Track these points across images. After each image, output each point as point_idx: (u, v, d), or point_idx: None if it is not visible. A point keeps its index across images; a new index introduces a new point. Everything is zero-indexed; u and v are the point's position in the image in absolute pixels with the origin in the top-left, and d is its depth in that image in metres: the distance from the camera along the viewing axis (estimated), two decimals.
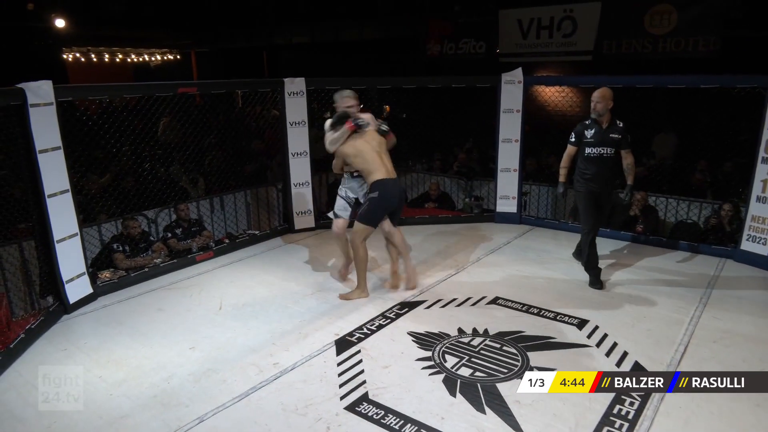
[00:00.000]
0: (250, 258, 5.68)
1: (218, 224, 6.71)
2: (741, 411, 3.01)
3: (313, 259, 5.71)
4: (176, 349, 3.82)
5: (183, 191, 7.08)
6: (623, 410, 3.01)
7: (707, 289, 4.69)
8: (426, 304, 4.46)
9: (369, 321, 4.16)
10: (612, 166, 4.62)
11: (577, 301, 4.49)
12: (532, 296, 4.55)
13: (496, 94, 6.46)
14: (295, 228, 6.48)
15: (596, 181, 4.63)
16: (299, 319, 4.23)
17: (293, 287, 4.85)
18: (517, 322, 4.10)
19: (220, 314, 4.36)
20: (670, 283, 4.82)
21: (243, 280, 5.07)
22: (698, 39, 9.04)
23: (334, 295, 4.65)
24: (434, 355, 3.66)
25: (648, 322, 4.08)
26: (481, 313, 4.27)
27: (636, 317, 4.18)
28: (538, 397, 3.15)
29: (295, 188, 6.39)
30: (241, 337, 3.97)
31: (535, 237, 6.21)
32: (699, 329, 3.98)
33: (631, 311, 4.29)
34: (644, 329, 3.98)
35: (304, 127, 6.25)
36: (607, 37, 9.88)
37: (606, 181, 4.65)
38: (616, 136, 4.60)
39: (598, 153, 4.61)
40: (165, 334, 4.04)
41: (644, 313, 4.26)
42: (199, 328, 4.12)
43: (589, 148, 4.63)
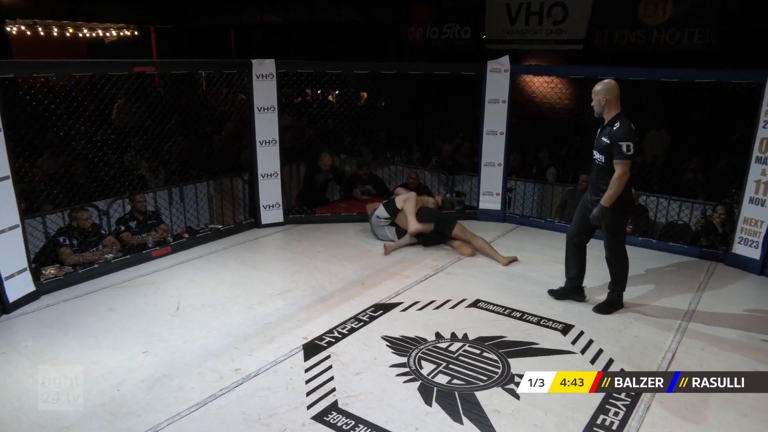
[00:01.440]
0: (211, 254, 5.62)
1: (177, 217, 6.62)
2: (728, 422, 3.10)
3: (281, 257, 5.67)
4: (128, 354, 3.76)
5: (140, 180, 6.97)
6: (607, 420, 3.06)
7: (697, 294, 4.80)
8: (402, 306, 4.47)
9: (340, 324, 4.15)
10: (603, 175, 4.11)
11: (562, 305, 4.55)
12: (514, 300, 4.59)
13: (481, 82, 6.49)
14: (261, 223, 6.43)
15: (589, 188, 4.34)
16: (264, 322, 4.20)
17: (259, 287, 4.82)
18: (499, 327, 4.14)
19: (177, 315, 4.31)
20: (659, 287, 4.92)
21: (203, 278, 5.01)
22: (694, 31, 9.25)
23: (303, 296, 4.64)
24: (410, 361, 3.67)
25: (635, 328, 4.16)
26: (461, 317, 4.29)
27: (622, 322, 4.26)
28: (518, 407, 3.18)
29: (263, 179, 6.33)
30: (200, 341, 3.92)
31: (520, 236, 6.27)
32: (687, 336, 4.07)
33: (617, 316, 4.36)
34: (631, 335, 4.06)
35: (273, 113, 6.19)
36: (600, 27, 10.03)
37: (593, 190, 4.24)
38: (605, 141, 4.05)
39: (593, 157, 4.21)
40: (116, 336, 3.97)
41: (631, 318, 4.34)
42: (154, 330, 4.07)
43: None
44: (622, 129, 3.99)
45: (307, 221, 6.69)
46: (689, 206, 6.55)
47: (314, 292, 4.74)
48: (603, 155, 4.09)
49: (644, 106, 7.20)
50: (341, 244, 6.00)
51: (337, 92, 12.24)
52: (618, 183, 4.00)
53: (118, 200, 6.06)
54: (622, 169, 3.97)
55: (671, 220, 6.55)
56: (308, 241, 6.09)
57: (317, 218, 6.78)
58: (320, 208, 7.13)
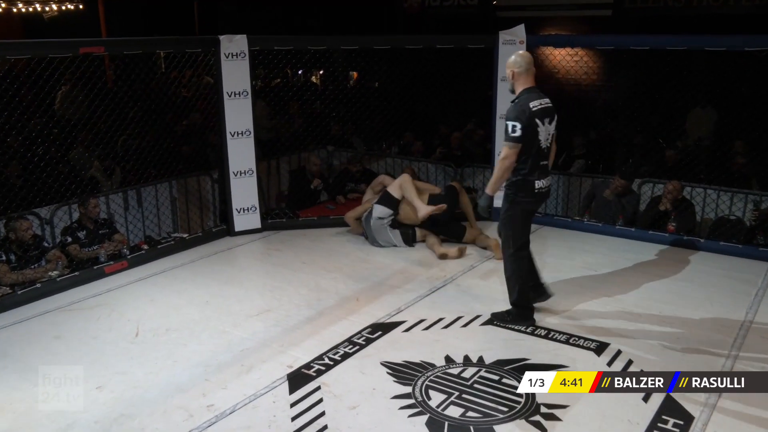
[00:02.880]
0: (176, 269, 5.60)
1: (134, 225, 6.60)
2: None
3: (259, 270, 5.65)
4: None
5: (90, 182, 6.94)
6: None
7: (754, 302, 4.80)
8: (404, 325, 4.45)
9: (332, 349, 4.14)
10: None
11: (595, 319, 4.54)
12: (538, 314, 4.57)
13: (492, 57, 6.47)
14: (235, 230, 6.42)
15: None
16: (241, 348, 4.18)
17: (233, 306, 4.80)
18: (520, 348, 4.13)
19: (136, 343, 4.29)
20: (710, 295, 4.92)
21: (167, 297, 5.00)
22: None
23: (286, 316, 4.62)
24: (415, 390, 3.65)
25: (682, 345, 4.15)
26: (475, 337, 4.27)
27: (668, 337, 4.25)
28: None
29: (236, 178, 6.32)
30: (165, 372, 3.90)
31: (543, 239, 6.26)
32: (744, 352, 4.07)
33: (661, 331, 4.36)
34: (677, 354, 4.05)
35: (246, 98, 6.18)
36: None
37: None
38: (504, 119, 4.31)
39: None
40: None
41: (677, 333, 4.33)
42: (110, 360, 4.04)
43: None
44: (512, 107, 4.22)
45: (289, 226, 6.68)
46: (742, 198, 6.55)
47: (299, 311, 4.72)
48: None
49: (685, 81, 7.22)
50: (330, 252, 5.98)
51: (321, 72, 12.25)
52: (498, 167, 4.24)
53: (64, 206, 6.03)
54: (505, 151, 4.17)
55: (721, 215, 6.56)
56: (291, 250, 6.07)
57: (301, 223, 6.76)
58: (304, 210, 7.12)
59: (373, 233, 6.05)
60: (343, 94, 8.64)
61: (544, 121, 4.22)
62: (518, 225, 4.38)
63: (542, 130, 4.20)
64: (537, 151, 4.21)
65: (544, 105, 4.24)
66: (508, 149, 4.14)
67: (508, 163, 4.17)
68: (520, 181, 4.25)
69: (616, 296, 4.92)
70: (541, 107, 4.21)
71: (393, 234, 6.00)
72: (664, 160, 7.51)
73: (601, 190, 6.76)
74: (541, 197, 4.37)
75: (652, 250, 5.93)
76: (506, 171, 4.21)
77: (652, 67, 7.01)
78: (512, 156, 4.15)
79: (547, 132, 4.25)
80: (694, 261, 5.65)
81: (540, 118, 4.19)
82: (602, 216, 6.64)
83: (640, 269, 5.49)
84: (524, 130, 4.11)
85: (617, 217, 6.47)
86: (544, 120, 4.22)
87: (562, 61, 6.89)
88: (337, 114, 9.17)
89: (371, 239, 6.11)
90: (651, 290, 5.03)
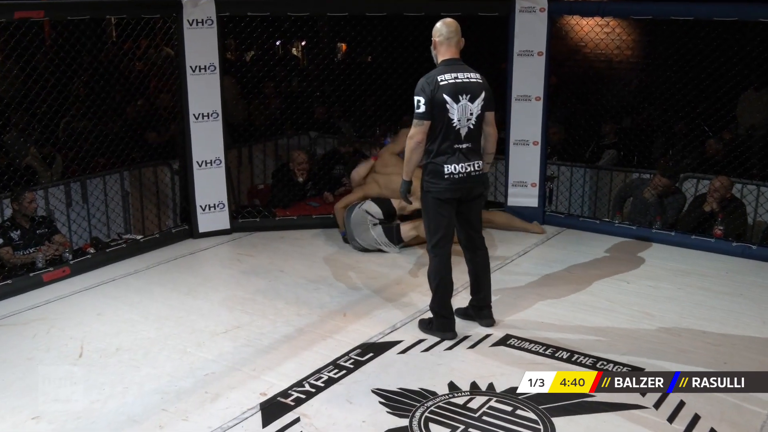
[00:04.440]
0: (128, 277, 5.60)
1: (79, 224, 6.59)
2: None
3: (227, 279, 5.65)
4: (11, 421, 3.71)
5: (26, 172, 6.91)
6: None
7: None
8: (400, 346, 4.46)
9: (314, 373, 4.13)
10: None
11: (627, 339, 4.55)
12: (560, 333, 4.59)
13: (507, 28, 6.50)
14: (199, 231, 6.43)
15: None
16: (205, 372, 4.17)
17: (197, 322, 4.80)
18: None
19: (80, 364, 4.28)
20: (763, 314, 4.94)
21: (118, 311, 4.99)
22: None
23: (260, 334, 4.62)
24: (413, 424, 3.66)
25: (729, 369, 4.15)
26: (484, 360, 4.28)
27: (713, 362, 4.26)
28: None
29: (200, 169, 6.33)
30: (114, 401, 3.90)
31: (566, 244, 6.29)
32: None
33: (705, 354, 4.37)
34: None
35: (213, 74, 6.18)
36: None
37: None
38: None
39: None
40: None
41: (724, 356, 4.35)
42: (48, 386, 4.02)
43: None
44: (420, 80, 4.35)
45: (263, 227, 6.69)
46: None
47: (276, 328, 4.72)
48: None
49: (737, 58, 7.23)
50: (313, 258, 5.99)
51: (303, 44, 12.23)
52: (407, 148, 4.40)
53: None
54: (411, 130, 4.35)
55: None
56: (266, 255, 6.08)
57: (278, 223, 6.78)
58: (281, 208, 7.11)
59: (351, 226, 6.03)
60: (329, 71, 8.65)
61: (460, 98, 4.30)
62: (432, 216, 4.48)
63: (456, 107, 4.30)
64: (448, 131, 4.33)
65: (462, 80, 4.33)
66: (414, 127, 4.32)
67: (413, 143, 4.34)
68: (429, 165, 4.40)
69: (652, 312, 4.94)
70: (455, 81, 4.30)
71: (374, 231, 6.00)
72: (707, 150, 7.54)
73: (638, 190, 6.76)
74: (456, 185, 4.43)
75: (695, 258, 5.97)
76: (413, 152, 4.36)
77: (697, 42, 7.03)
78: (418, 135, 4.31)
79: (465, 111, 4.33)
80: (745, 272, 5.68)
81: (452, 93, 4.28)
82: (638, 218, 6.66)
83: (680, 281, 5.51)
84: (428, 106, 4.26)
85: (655, 219, 6.49)
86: (460, 96, 4.30)
87: (591, 32, 6.92)
88: (321, 94, 9.18)
89: (348, 236, 6.11)
90: (693, 306, 5.06)
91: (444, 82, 4.27)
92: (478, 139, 4.48)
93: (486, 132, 4.50)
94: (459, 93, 4.30)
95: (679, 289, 5.35)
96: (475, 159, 4.44)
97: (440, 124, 4.30)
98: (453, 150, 4.35)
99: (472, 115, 4.37)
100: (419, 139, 4.31)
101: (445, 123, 4.30)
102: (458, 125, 4.33)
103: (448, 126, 4.32)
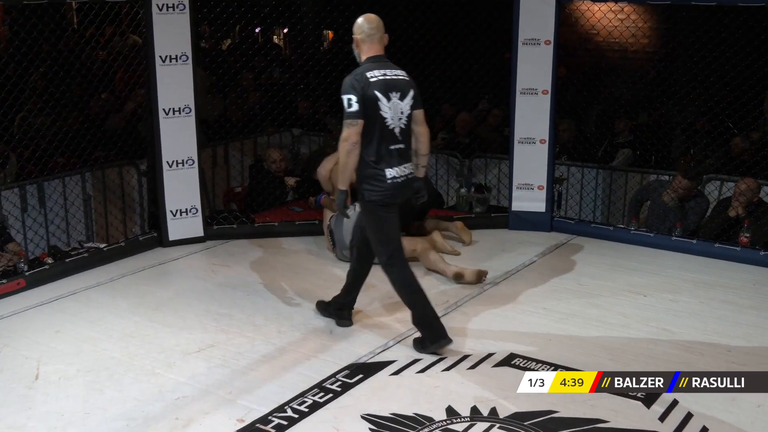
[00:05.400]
0: (90, 290, 5.59)
1: (35, 231, 6.55)
2: None
3: (201, 293, 5.63)
4: None
5: None
6: None
7: None
8: (393, 366, 4.45)
9: (296, 397, 4.12)
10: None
11: (644, 359, 4.56)
12: (569, 353, 4.60)
13: (511, 13, 6.52)
14: (169, 238, 6.43)
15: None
16: (176, 395, 4.16)
17: (166, 340, 4.80)
18: (546, 396, 4.10)
19: (36, 388, 4.25)
20: None
21: (78, 327, 4.98)
22: None
23: (237, 353, 4.61)
24: None
25: (759, 394, 4.18)
26: (487, 382, 4.28)
27: None
28: None
29: (170, 170, 6.33)
30: (75, 428, 3.88)
31: (574, 253, 6.30)
32: None
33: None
34: (752, 405, 4.08)
35: (185, 64, 6.19)
36: None
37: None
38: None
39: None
40: None
41: None
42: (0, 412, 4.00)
43: None
44: (346, 79, 4.45)
45: (240, 234, 6.69)
46: None
47: (254, 347, 4.71)
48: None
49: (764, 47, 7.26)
50: (296, 269, 6.00)
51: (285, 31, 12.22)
52: (341, 152, 4.45)
53: None
54: (344, 132, 4.41)
55: None
56: (243, 265, 6.08)
57: (257, 230, 6.79)
58: (262, 213, 7.10)
59: (342, 233, 5.96)
60: (315, 61, 8.65)
61: (390, 96, 4.42)
62: (378, 225, 4.57)
63: (388, 106, 4.42)
64: (383, 132, 4.44)
65: (391, 77, 4.47)
66: (347, 128, 4.38)
67: (349, 145, 4.39)
68: (368, 170, 4.48)
69: (670, 328, 4.96)
70: (384, 78, 4.43)
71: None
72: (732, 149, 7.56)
73: (657, 193, 6.78)
74: (398, 189, 4.52)
75: (719, 268, 5.99)
76: (349, 155, 4.41)
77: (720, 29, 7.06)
78: (353, 136, 4.37)
79: (396, 110, 4.46)
80: None
81: (382, 90, 4.40)
82: (656, 224, 6.67)
83: (702, 294, 5.53)
84: (360, 104, 4.35)
85: (675, 225, 6.50)
86: (390, 94, 4.42)
87: (603, 19, 6.94)
88: (305, 86, 9.18)
89: (337, 244, 6.08)
90: (716, 321, 5.07)
91: (374, 79, 4.39)
92: (410, 141, 4.60)
93: (417, 132, 4.61)
94: (389, 90, 4.43)
95: (702, 303, 5.36)
96: (409, 161, 4.59)
97: (374, 125, 4.40)
98: (390, 152, 4.47)
99: (402, 114, 4.50)
100: (354, 140, 4.37)
101: (378, 123, 4.40)
102: (392, 124, 4.44)
103: (382, 126, 4.43)
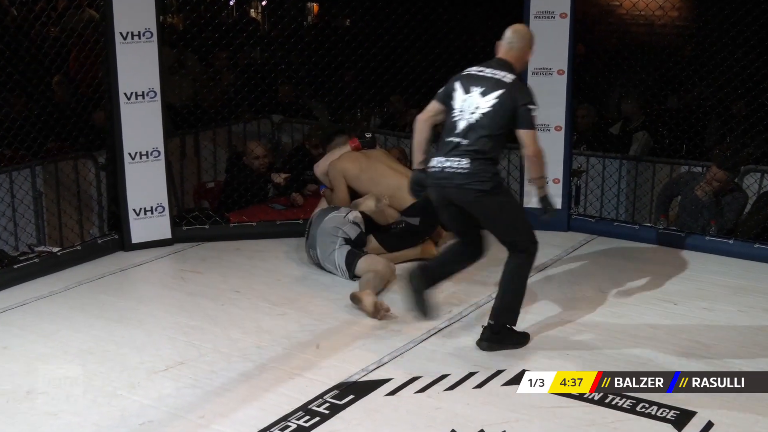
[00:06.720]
0: (41, 300, 5.60)
1: None
2: None
3: (168, 303, 5.65)
4: None
5: None
6: None
7: None
8: (389, 385, 4.46)
9: (279, 421, 4.12)
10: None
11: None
12: (589, 368, 4.54)
13: None
14: (132, 241, 6.44)
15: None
16: (141, 420, 4.16)
17: (129, 357, 4.80)
18: (563, 418, 4.15)
19: None
20: None
21: (29, 343, 4.99)
22: None
23: (209, 371, 4.62)
24: None
25: None
26: (495, 402, 4.29)
27: None
28: None
29: (133, 162, 6.35)
30: None
31: (596, 255, 6.33)
32: None
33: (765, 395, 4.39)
34: None
35: (150, 42, 6.21)
36: None
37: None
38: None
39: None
40: None
41: None
42: None
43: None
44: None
45: (213, 236, 6.72)
46: None
47: (230, 364, 4.72)
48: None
49: None
50: (277, 276, 6.03)
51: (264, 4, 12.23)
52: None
53: None
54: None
55: None
56: (216, 272, 6.10)
57: (233, 231, 6.81)
58: (236, 212, 7.09)
59: (318, 233, 5.94)
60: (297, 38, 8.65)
61: (471, 89, 4.72)
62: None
63: (462, 98, 4.73)
64: (449, 122, 4.79)
65: (483, 73, 4.76)
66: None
67: (416, 119, 4.96)
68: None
69: (704, 341, 4.98)
70: (474, 73, 4.79)
71: (339, 253, 5.87)
72: None
73: (689, 187, 6.79)
74: (438, 180, 4.76)
75: (759, 272, 6.03)
76: (414, 130, 4.98)
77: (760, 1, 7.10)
78: (422, 113, 4.93)
79: (469, 103, 4.70)
80: None
81: (465, 83, 4.76)
82: (688, 222, 6.69)
83: (740, 301, 5.56)
84: (443, 89, 4.87)
85: (709, 223, 6.52)
86: (471, 87, 4.73)
87: None
88: (287, 67, 9.19)
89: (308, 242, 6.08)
90: (756, 333, 5.10)
91: (465, 72, 4.83)
92: (481, 140, 4.67)
93: (523, 155, 5.02)
94: (473, 84, 4.74)
95: (740, 312, 5.39)
96: (462, 157, 4.68)
97: (448, 115, 4.78)
98: (445, 144, 4.76)
99: (477, 109, 4.68)
100: (420, 116, 4.91)
101: (449, 113, 4.73)
102: (457, 116, 4.70)
103: (450, 116, 4.77)
